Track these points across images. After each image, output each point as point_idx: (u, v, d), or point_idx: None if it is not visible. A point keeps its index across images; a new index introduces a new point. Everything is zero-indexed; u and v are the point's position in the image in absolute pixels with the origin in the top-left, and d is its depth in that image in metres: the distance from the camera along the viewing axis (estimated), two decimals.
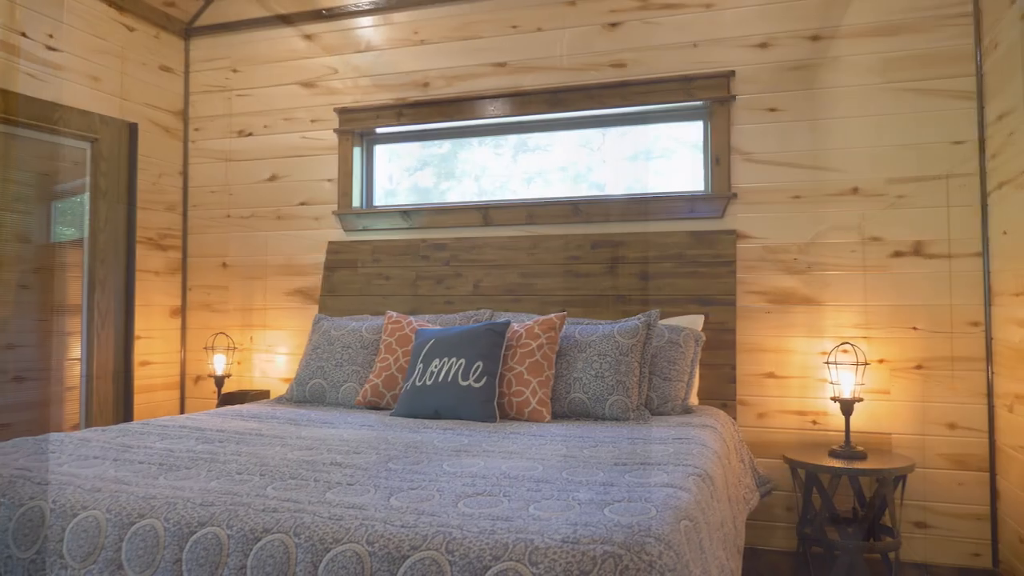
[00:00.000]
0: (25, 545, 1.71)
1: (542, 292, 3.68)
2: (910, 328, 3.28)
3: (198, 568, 1.56)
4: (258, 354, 4.34)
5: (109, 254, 3.82)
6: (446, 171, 4.15)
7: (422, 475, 1.95)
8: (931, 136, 3.28)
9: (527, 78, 3.88)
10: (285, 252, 4.30)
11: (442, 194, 4.18)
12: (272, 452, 2.23)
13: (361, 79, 4.18)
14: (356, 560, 1.47)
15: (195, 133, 4.54)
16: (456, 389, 2.89)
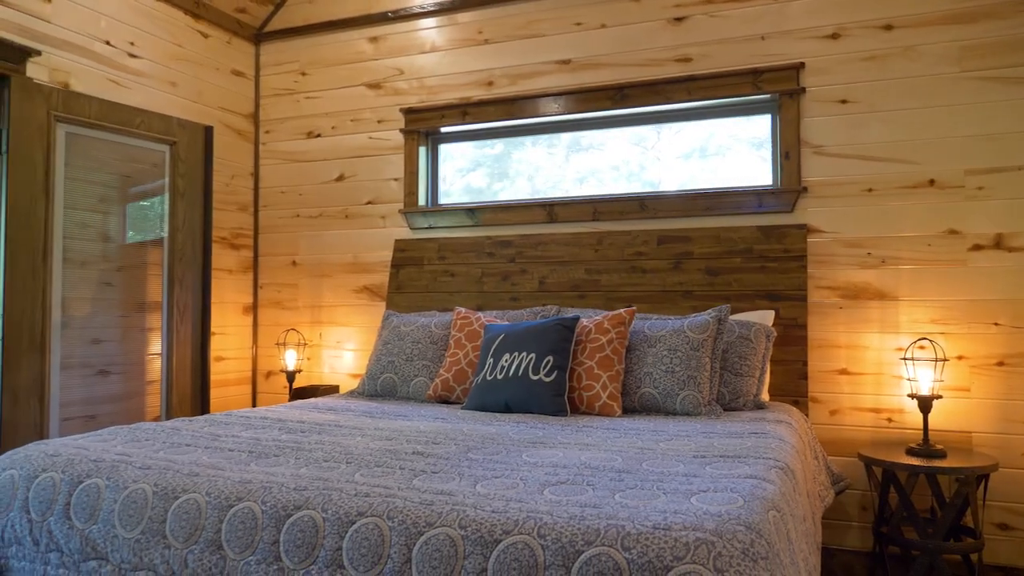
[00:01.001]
0: (130, 525, 1.79)
1: (607, 288, 3.68)
2: (991, 324, 3.19)
3: (296, 549, 1.61)
4: (327, 350, 4.44)
5: (187, 253, 3.95)
6: (499, 171, 4.19)
7: (503, 464, 1.98)
8: (1011, 126, 3.18)
9: (591, 75, 3.88)
10: (352, 250, 4.39)
11: (495, 194, 4.22)
12: (354, 442, 2.28)
13: (426, 79, 4.24)
14: (449, 543, 1.50)
15: (265, 135, 4.67)
16: (527, 383, 2.92)
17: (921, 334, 3.26)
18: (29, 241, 3.28)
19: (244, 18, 4.54)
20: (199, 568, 1.69)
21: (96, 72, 3.69)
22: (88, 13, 3.65)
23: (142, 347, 3.84)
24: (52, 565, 1.88)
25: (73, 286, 3.52)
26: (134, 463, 1.97)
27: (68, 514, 1.88)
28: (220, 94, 4.42)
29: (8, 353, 3.18)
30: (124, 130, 3.67)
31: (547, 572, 1.42)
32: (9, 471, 2.03)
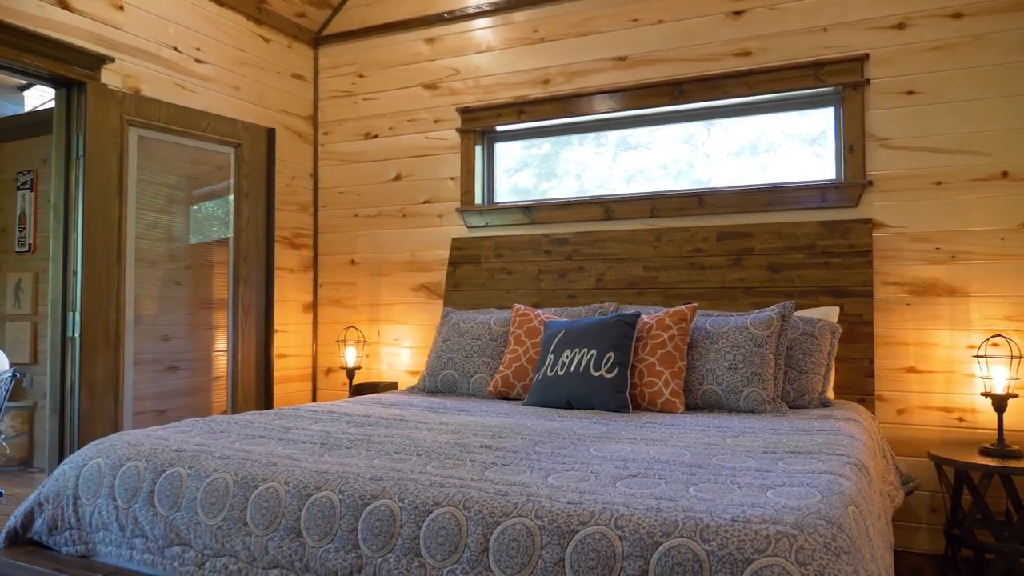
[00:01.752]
0: (212, 513, 1.85)
1: (666, 285, 3.66)
2: None
3: (374, 537, 1.64)
4: (384, 347, 4.50)
5: (251, 252, 4.05)
6: (546, 171, 4.20)
7: (572, 458, 1.99)
8: None
9: (647, 71, 3.86)
10: (410, 249, 4.45)
11: (542, 194, 4.25)
12: (421, 435, 2.31)
13: (482, 79, 4.27)
14: (526, 533, 1.52)
15: (324, 137, 4.76)
16: (588, 379, 2.92)
17: (994, 331, 3.17)
18: (104, 241, 3.40)
19: (303, 22, 4.63)
20: (279, 555, 1.74)
21: (165, 77, 3.80)
22: (157, 21, 3.77)
23: (208, 344, 3.95)
24: (137, 550, 1.95)
25: (144, 285, 3.63)
26: (213, 453, 2.03)
27: (152, 501, 1.95)
28: (281, 97, 4.52)
29: (85, 349, 3.31)
30: (191, 133, 3.78)
31: (625, 563, 1.42)
32: (96, 460, 2.11)
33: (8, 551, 2.15)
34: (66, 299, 3.35)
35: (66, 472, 2.14)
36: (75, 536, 2.08)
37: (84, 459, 2.13)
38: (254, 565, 1.77)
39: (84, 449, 2.19)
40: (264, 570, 1.75)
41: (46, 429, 5.23)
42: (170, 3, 3.84)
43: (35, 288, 5.47)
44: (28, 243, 5.49)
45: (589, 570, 1.44)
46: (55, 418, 3.33)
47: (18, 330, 5.50)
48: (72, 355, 3.31)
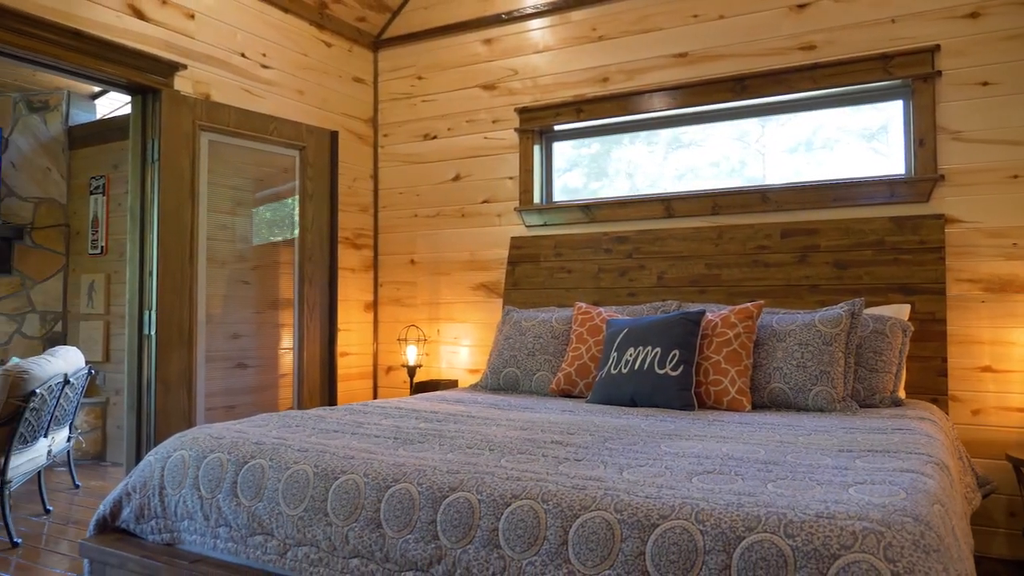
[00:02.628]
0: (293, 503, 1.91)
1: (729, 283, 3.62)
2: None
3: (453, 529, 1.67)
4: (444, 346, 4.55)
5: (315, 252, 4.14)
6: (596, 170, 4.21)
7: (643, 454, 1.99)
8: None
9: (708, 67, 3.83)
10: (469, 248, 4.49)
11: (592, 193, 4.27)
12: (490, 431, 2.34)
13: (540, 78, 4.29)
14: (606, 526, 1.53)
15: (384, 139, 4.84)
16: (652, 377, 2.91)
17: None
18: (178, 243, 3.52)
19: (364, 26, 4.72)
20: (359, 544, 1.78)
21: (233, 83, 3.92)
22: (226, 28, 3.89)
23: (275, 342, 4.05)
24: (221, 539, 2.02)
25: (214, 284, 3.75)
26: (292, 446, 2.08)
27: (235, 492, 2.01)
28: (342, 100, 4.61)
29: (161, 347, 3.43)
30: (258, 137, 3.89)
31: (707, 557, 1.42)
32: (180, 452, 2.19)
33: (98, 537, 2.25)
34: (143, 298, 3.47)
35: (152, 463, 2.23)
36: (161, 525, 2.16)
37: (169, 451, 2.21)
38: (335, 554, 1.81)
39: (168, 441, 2.27)
40: (345, 559, 1.80)
41: (121, 424, 5.43)
42: (238, 11, 3.96)
43: (107, 289, 5.67)
44: (101, 245, 5.70)
45: (670, 564, 1.44)
46: (132, 413, 3.46)
47: (92, 329, 5.71)
48: (148, 352, 3.44)
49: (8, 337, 5.76)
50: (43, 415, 3.82)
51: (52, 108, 5.84)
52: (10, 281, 5.76)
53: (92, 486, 4.80)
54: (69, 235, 5.85)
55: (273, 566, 1.92)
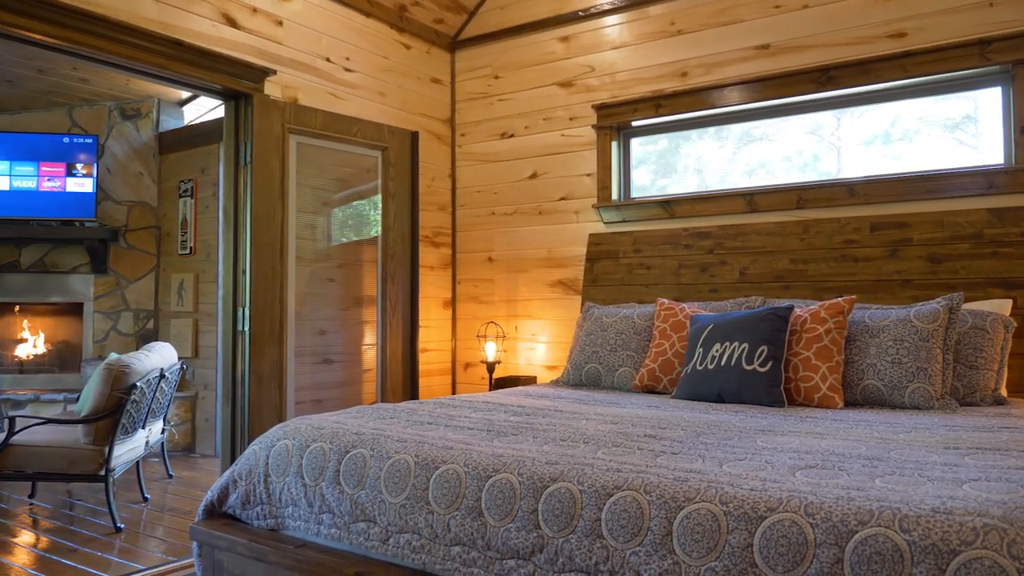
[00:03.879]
0: (395, 491, 1.96)
1: (815, 278, 3.55)
2: None
3: (554, 518, 1.70)
4: (522, 342, 4.59)
5: (398, 250, 4.24)
6: (664, 166, 4.19)
7: (740, 448, 1.98)
8: None
9: (792, 58, 3.76)
10: (546, 245, 4.51)
11: (660, 190, 4.26)
12: (580, 425, 2.36)
13: (618, 74, 4.29)
14: (711, 518, 1.53)
15: (461, 138, 4.91)
16: (739, 373, 2.88)
17: None
18: (269, 242, 3.65)
19: (441, 28, 4.80)
20: (461, 533, 1.82)
21: (318, 86, 4.04)
22: (312, 33, 4.01)
23: (358, 338, 4.16)
24: (324, 525, 2.09)
25: (302, 282, 3.87)
26: (391, 436, 2.15)
27: (338, 480, 2.08)
28: (421, 101, 4.70)
29: (254, 342, 3.56)
30: (343, 138, 4.00)
31: (818, 550, 1.41)
32: (283, 441, 2.28)
33: (206, 522, 2.36)
34: (236, 296, 3.61)
35: (256, 452, 2.32)
36: (266, 511, 2.25)
37: (273, 440, 2.31)
38: (437, 542, 1.86)
39: (272, 431, 2.37)
40: (446, 547, 1.84)
41: (209, 417, 5.65)
42: (322, 17, 4.08)
43: (195, 288, 5.91)
44: (189, 246, 5.95)
45: (779, 556, 1.43)
46: (227, 405, 3.60)
47: (181, 327, 5.96)
48: (242, 347, 3.57)
49: (104, 334, 6.07)
50: (142, 407, 4.01)
51: (144, 115, 6.12)
52: (106, 281, 6.07)
53: (184, 476, 5.01)
54: (160, 237, 6.12)
55: (375, 552, 1.98)
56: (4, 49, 4.77)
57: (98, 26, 3.05)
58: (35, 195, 5.90)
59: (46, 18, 2.91)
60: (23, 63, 5.09)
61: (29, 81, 5.45)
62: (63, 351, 6.27)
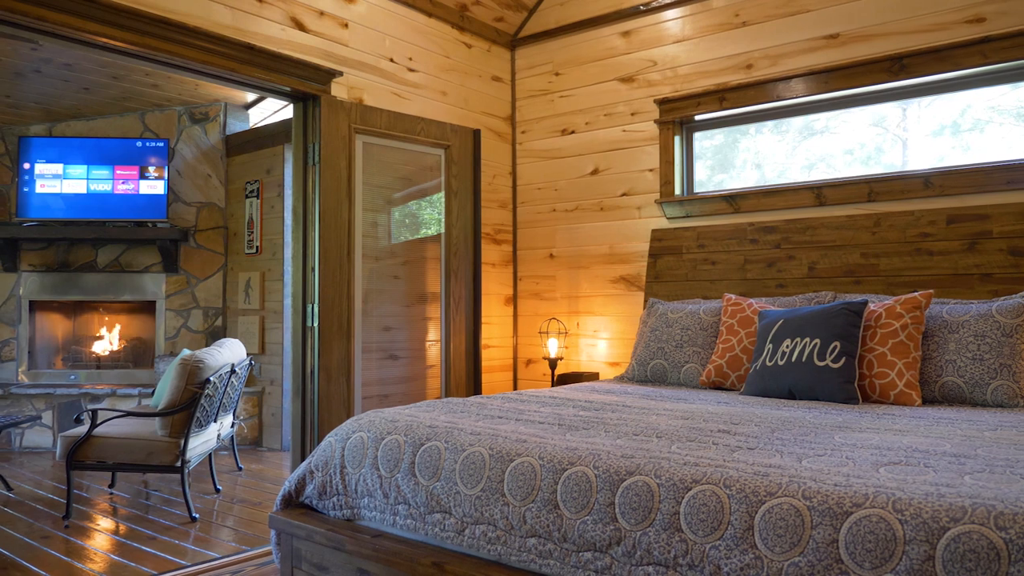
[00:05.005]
0: (470, 483, 1.99)
1: (887, 273, 3.46)
2: None
3: (631, 511, 1.70)
4: (583, 339, 4.59)
5: (460, 247, 4.28)
6: (721, 161, 4.13)
7: (818, 444, 1.94)
8: None
9: (862, 48, 3.67)
10: (608, 241, 4.50)
11: (717, 185, 4.22)
12: (652, 419, 2.35)
13: (680, 68, 4.25)
14: (795, 513, 1.51)
15: (521, 135, 4.93)
16: (811, 369, 2.82)
17: None
18: (336, 240, 3.73)
19: (501, 26, 4.82)
20: (537, 524, 1.83)
21: (383, 87, 4.10)
22: (376, 35, 4.08)
23: (422, 334, 4.21)
24: (400, 516, 2.13)
25: (368, 279, 3.94)
26: (464, 430, 2.17)
27: (413, 471, 2.12)
28: (482, 99, 4.73)
29: (323, 337, 3.64)
30: (407, 137, 4.05)
31: (908, 547, 1.38)
32: (358, 433, 2.33)
33: (284, 511, 2.42)
34: (305, 292, 3.70)
35: (332, 444, 2.38)
36: (342, 501, 2.30)
37: (348, 432, 2.36)
38: (512, 533, 1.88)
39: (347, 424, 2.42)
40: (522, 538, 1.86)
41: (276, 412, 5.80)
42: (386, 18, 4.14)
43: (262, 286, 6.07)
44: (256, 245, 6.11)
45: (867, 552, 1.41)
46: (297, 399, 3.69)
47: (248, 324, 6.13)
48: (311, 343, 3.66)
49: (175, 331, 6.28)
50: (214, 401, 4.14)
51: (211, 119, 6.31)
52: (177, 279, 6.27)
53: (252, 469, 5.16)
54: (227, 236, 6.30)
55: (451, 543, 2.01)
56: (83, 58, 4.97)
57: (175, 32, 3.16)
58: (111, 197, 6.14)
59: (128, 26, 3.03)
60: (99, 71, 5.29)
61: (104, 88, 5.67)
62: (137, 348, 6.51)
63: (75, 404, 5.87)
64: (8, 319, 6.28)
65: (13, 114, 6.08)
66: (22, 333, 6.29)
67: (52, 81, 5.41)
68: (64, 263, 6.30)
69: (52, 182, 6.12)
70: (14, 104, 5.84)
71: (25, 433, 5.88)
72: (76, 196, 6.13)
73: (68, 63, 5.08)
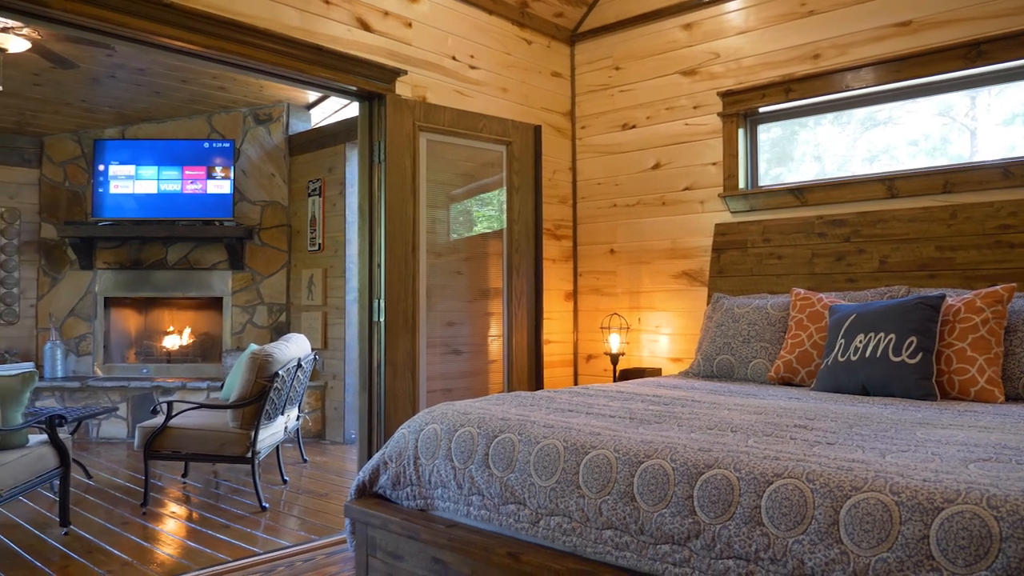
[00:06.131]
0: (545, 475, 2.00)
1: (964, 266, 3.35)
2: None
3: (711, 505, 1.69)
4: (644, 334, 4.56)
5: (522, 243, 4.30)
6: (779, 155, 4.07)
7: (900, 440, 1.90)
8: None
9: (936, 35, 3.56)
10: (670, 236, 4.47)
11: (775, 179, 4.16)
12: (724, 414, 2.33)
13: (744, 60, 4.18)
14: (882, 508, 1.48)
15: (581, 131, 4.92)
16: (886, 365, 2.76)
17: None
18: (402, 236, 3.79)
19: (561, 22, 4.82)
20: (613, 516, 1.84)
21: (445, 85, 4.15)
22: (439, 33, 4.12)
23: (484, 330, 4.25)
24: (474, 506, 2.16)
25: (432, 274, 3.99)
26: (537, 422, 2.19)
27: (487, 463, 2.14)
28: (542, 95, 4.74)
29: (389, 332, 3.70)
30: (469, 134, 4.09)
31: (1004, 544, 1.35)
32: (431, 425, 2.36)
33: (358, 501, 2.48)
34: (371, 288, 3.77)
35: (405, 436, 2.42)
36: (415, 492, 2.35)
37: (421, 424, 2.40)
38: (588, 525, 1.89)
39: (419, 416, 2.46)
40: (598, 530, 1.87)
41: (338, 406, 5.92)
42: (449, 16, 4.18)
43: (324, 282, 6.19)
44: (318, 243, 6.23)
45: (960, 549, 1.38)
46: (364, 393, 3.76)
47: (311, 319, 6.26)
48: (378, 338, 3.72)
49: (241, 327, 6.45)
50: (282, 394, 4.25)
51: (275, 120, 6.46)
52: (243, 276, 6.45)
53: (316, 461, 5.28)
54: (291, 234, 6.45)
55: (525, 534, 2.03)
56: (154, 63, 5.15)
57: (247, 35, 3.25)
58: (180, 197, 6.34)
59: (202, 30, 3.13)
60: (169, 75, 5.47)
61: (174, 91, 5.86)
62: (204, 342, 6.72)
63: (147, 397, 6.08)
64: (85, 315, 6.55)
65: (89, 118, 6.33)
66: (98, 328, 6.55)
67: (125, 86, 5.61)
68: (136, 261, 6.53)
69: (125, 183, 6.36)
70: (90, 108, 6.08)
71: (102, 424, 6.12)
72: (147, 196, 6.35)
73: (141, 68, 5.27)
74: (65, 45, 4.68)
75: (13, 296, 6.57)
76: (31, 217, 6.65)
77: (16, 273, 6.58)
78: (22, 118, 6.21)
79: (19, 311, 6.61)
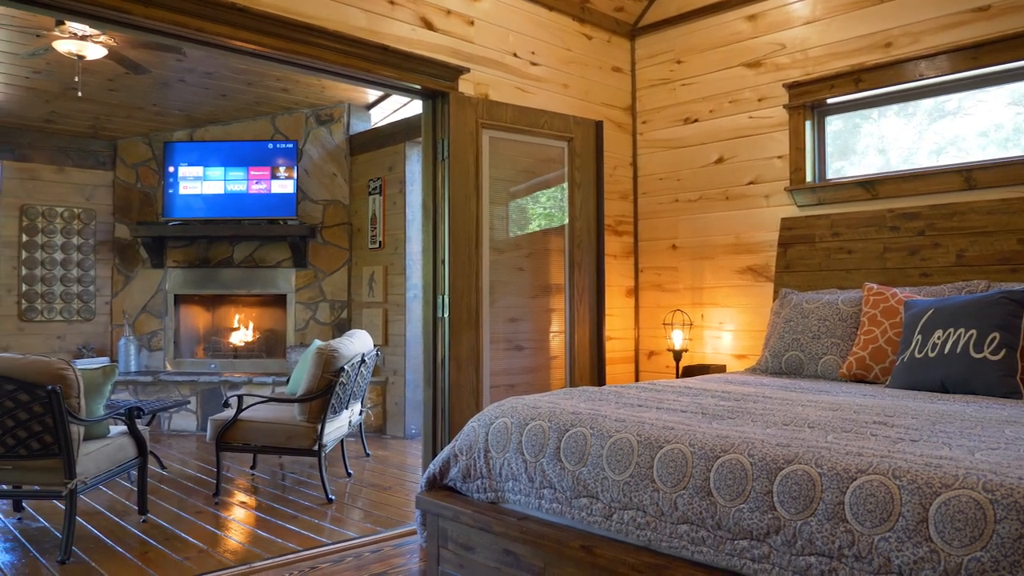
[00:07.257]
0: (618, 469, 2.00)
1: None
2: None
3: (791, 500, 1.67)
4: (707, 330, 4.51)
5: (584, 239, 4.29)
6: (841, 147, 4.00)
7: (988, 438, 1.84)
8: None
9: (1017, 19, 3.43)
10: (734, 231, 4.40)
11: (836, 172, 4.08)
12: (798, 410, 2.29)
13: (811, 50, 4.10)
14: (975, 505, 1.44)
15: (642, 126, 4.89)
16: (967, 361, 2.67)
17: None
18: (465, 233, 3.82)
19: (621, 16, 4.80)
20: (689, 511, 1.83)
21: (507, 82, 4.17)
22: (500, 31, 4.14)
23: (546, 326, 4.25)
24: (546, 500, 2.17)
25: (495, 271, 4.01)
26: (608, 417, 2.19)
27: (559, 456, 2.15)
28: (603, 91, 4.73)
29: (453, 328, 3.74)
30: (531, 131, 4.10)
31: None
32: (501, 419, 2.38)
33: (429, 493, 2.51)
34: (436, 284, 3.81)
35: (475, 429, 2.45)
36: (486, 484, 2.37)
37: (491, 418, 2.42)
38: (663, 520, 1.88)
39: (488, 409, 2.49)
40: (673, 525, 1.86)
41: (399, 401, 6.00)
42: (509, 13, 4.20)
43: (384, 279, 6.28)
44: (379, 240, 6.33)
45: None
46: (428, 388, 3.80)
47: (372, 316, 6.36)
48: (442, 333, 3.77)
49: (304, 323, 6.60)
50: (347, 389, 4.33)
51: (336, 120, 6.58)
52: (306, 274, 6.59)
53: (378, 455, 5.36)
54: (352, 232, 6.56)
55: (598, 528, 2.03)
56: (221, 67, 5.30)
57: (316, 36, 3.32)
58: (245, 197, 6.52)
59: (273, 32, 3.20)
60: (235, 78, 5.62)
61: (239, 94, 6.01)
62: (269, 338, 6.89)
63: (216, 391, 6.27)
64: (156, 312, 6.78)
65: (159, 121, 6.55)
66: (168, 325, 6.77)
67: (193, 89, 5.79)
68: (204, 259, 6.73)
69: (193, 184, 6.56)
70: (160, 112, 6.29)
71: (172, 417, 6.33)
72: (215, 196, 6.54)
73: (208, 72, 5.43)
74: (139, 51, 4.86)
75: (90, 294, 6.84)
76: (106, 218, 6.91)
77: (92, 272, 6.86)
78: (97, 122, 6.47)
79: (95, 308, 6.89)
